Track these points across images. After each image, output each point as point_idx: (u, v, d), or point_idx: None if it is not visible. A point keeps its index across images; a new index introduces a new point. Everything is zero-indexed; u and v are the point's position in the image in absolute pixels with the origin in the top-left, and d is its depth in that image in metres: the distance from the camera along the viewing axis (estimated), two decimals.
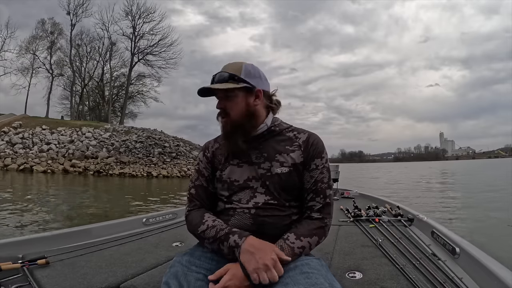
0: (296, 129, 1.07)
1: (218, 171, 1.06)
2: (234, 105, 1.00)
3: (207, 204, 1.08)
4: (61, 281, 1.20)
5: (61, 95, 36.99)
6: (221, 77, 1.00)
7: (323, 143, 1.04)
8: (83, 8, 33.96)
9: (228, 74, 0.99)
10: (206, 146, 1.13)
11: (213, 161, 1.08)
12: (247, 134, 1.01)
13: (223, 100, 1.01)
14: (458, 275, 1.22)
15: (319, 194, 0.98)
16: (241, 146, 1.00)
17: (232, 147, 1.02)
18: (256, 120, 1.02)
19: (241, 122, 1.00)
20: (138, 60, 35.54)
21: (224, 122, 1.02)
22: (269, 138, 1.03)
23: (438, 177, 21.82)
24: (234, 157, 1.03)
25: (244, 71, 1.00)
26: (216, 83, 1.00)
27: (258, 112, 1.03)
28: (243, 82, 0.99)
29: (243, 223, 0.96)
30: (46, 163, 20.90)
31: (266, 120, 1.04)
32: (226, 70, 1.01)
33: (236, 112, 1.00)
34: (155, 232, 2.01)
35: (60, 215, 6.53)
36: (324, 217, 0.97)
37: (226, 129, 1.02)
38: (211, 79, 1.02)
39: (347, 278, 1.22)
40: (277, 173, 0.98)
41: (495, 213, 6.62)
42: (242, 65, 1.02)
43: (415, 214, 2.15)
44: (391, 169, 45.66)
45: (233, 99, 1.00)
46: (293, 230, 0.94)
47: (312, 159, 1.00)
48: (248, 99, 1.01)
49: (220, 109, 1.02)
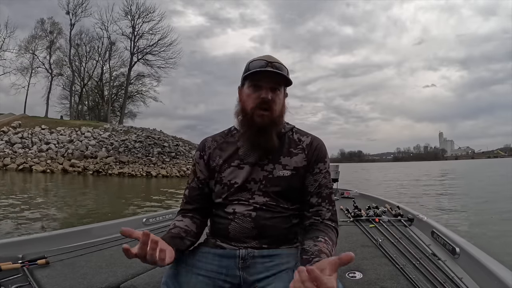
0: (299, 131, 1.06)
1: (216, 173, 1.02)
2: (279, 100, 0.96)
3: (201, 205, 1.05)
4: (61, 281, 1.20)
5: (61, 94, 37.03)
6: (280, 67, 0.95)
7: (325, 147, 1.03)
8: (83, 7, 33.99)
9: (286, 68, 0.96)
10: (203, 145, 1.07)
11: (210, 163, 1.04)
12: (278, 132, 0.99)
13: (272, 91, 0.95)
14: (458, 275, 1.22)
15: (325, 199, 0.97)
16: (274, 142, 0.97)
17: (265, 142, 0.96)
18: (283, 121, 1.01)
19: (278, 119, 0.98)
20: (137, 59, 35.54)
21: (264, 116, 0.95)
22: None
23: (438, 177, 21.84)
24: (236, 158, 1.01)
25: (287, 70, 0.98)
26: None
27: (285, 113, 1.02)
28: (290, 82, 0.97)
29: (243, 227, 0.94)
30: (45, 163, 20.87)
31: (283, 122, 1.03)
32: (274, 61, 0.95)
33: (278, 107, 0.97)
34: (155, 232, 1.99)
35: (59, 215, 6.52)
36: (337, 226, 0.97)
37: (264, 123, 0.95)
38: (262, 64, 0.94)
39: (347, 278, 1.22)
40: (279, 176, 0.96)
41: (495, 213, 6.62)
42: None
43: (415, 214, 2.16)
44: (389, 169, 45.67)
45: (279, 94, 0.97)
46: (328, 235, 0.90)
47: (316, 163, 0.99)
48: (285, 98, 1.00)
49: (266, 100, 0.94)
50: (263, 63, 0.94)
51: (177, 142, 26.61)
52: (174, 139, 27.58)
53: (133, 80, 36.85)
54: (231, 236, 0.96)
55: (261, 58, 0.97)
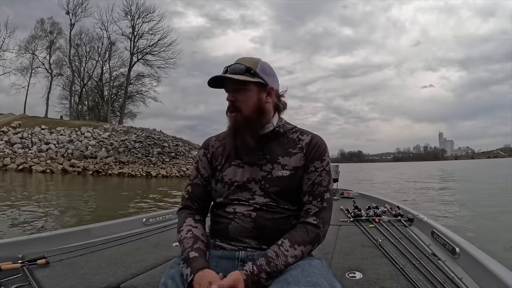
0: (299, 130, 1.05)
1: (218, 171, 1.03)
2: (246, 99, 0.97)
3: (203, 202, 1.06)
4: (61, 281, 1.20)
5: (60, 95, 36.99)
6: (237, 69, 0.96)
7: (326, 145, 1.01)
8: (82, 7, 33.94)
9: (244, 67, 0.96)
10: (207, 144, 1.10)
11: (213, 161, 1.06)
12: (255, 131, 0.98)
13: (235, 92, 0.97)
14: (458, 275, 1.22)
15: (316, 197, 0.95)
16: (248, 142, 0.97)
17: (240, 142, 0.98)
18: (265, 118, 1.00)
19: (251, 118, 0.97)
20: (137, 59, 35.51)
21: (234, 117, 0.98)
22: (273, 139, 1.01)
23: (438, 177, 21.85)
24: (236, 158, 1.01)
25: (260, 67, 0.98)
26: (229, 73, 0.96)
27: (268, 110, 1.00)
28: (258, 77, 0.97)
29: (243, 227, 0.95)
30: (45, 163, 20.86)
31: (272, 120, 1.02)
32: (242, 63, 0.97)
33: (248, 106, 0.97)
34: (155, 232, 2.01)
35: (59, 215, 6.52)
36: (319, 222, 0.94)
37: (235, 123, 0.98)
38: (223, 69, 0.98)
39: (347, 278, 1.22)
40: (278, 176, 0.96)
41: (495, 213, 6.63)
42: (259, 61, 1.00)
43: (415, 214, 2.16)
44: (392, 169, 45.66)
45: (246, 93, 0.97)
46: (288, 237, 0.91)
47: (312, 161, 0.98)
48: (260, 95, 0.98)
49: (230, 101, 0.98)
50: (225, 69, 0.98)
51: (177, 142, 26.60)
52: (174, 139, 27.56)
53: (133, 80, 36.89)
54: (231, 235, 0.96)
55: (230, 63, 1.00)
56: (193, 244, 0.92)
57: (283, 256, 0.87)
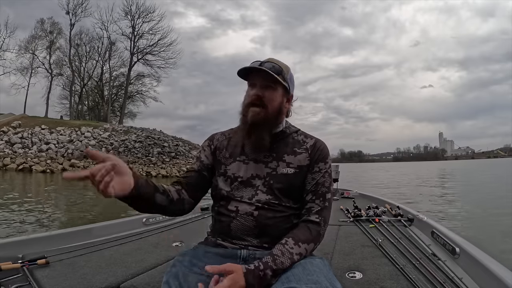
0: (303, 133, 1.09)
1: (222, 165, 1.04)
2: (273, 98, 0.99)
3: (194, 182, 1.04)
4: (61, 281, 1.20)
5: (60, 94, 37.04)
6: (274, 67, 0.97)
7: (328, 149, 1.06)
8: (82, 7, 34.01)
9: (280, 67, 0.99)
10: (213, 137, 1.12)
11: (216, 154, 1.08)
12: (271, 131, 1.01)
13: (264, 88, 0.98)
14: (458, 275, 1.22)
15: (319, 196, 0.98)
16: (265, 140, 0.99)
17: (256, 139, 0.99)
18: (281, 121, 1.04)
19: (272, 117, 1.00)
20: (137, 59, 35.57)
21: (258, 112, 0.97)
22: (280, 138, 1.04)
23: (438, 177, 21.84)
24: (241, 154, 1.03)
25: (290, 73, 1.03)
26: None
27: (284, 114, 1.05)
28: (287, 82, 1.01)
29: (245, 225, 0.95)
30: (45, 163, 20.88)
31: (282, 122, 1.06)
32: (277, 63, 0.99)
33: (273, 105, 0.99)
34: (155, 232, 2.01)
35: (59, 215, 6.52)
36: (321, 220, 0.97)
37: (256, 118, 0.97)
38: (256, 63, 0.98)
39: (347, 278, 1.22)
40: (282, 173, 0.98)
41: (495, 213, 6.63)
42: (289, 68, 1.04)
43: (415, 214, 2.16)
44: (395, 169, 45.63)
45: (274, 92, 0.99)
46: (291, 236, 0.92)
47: (317, 162, 1.01)
48: (283, 99, 1.02)
49: (257, 97, 0.98)
50: (258, 63, 0.98)
51: (177, 142, 26.61)
52: (174, 139, 27.58)
53: (133, 80, 36.95)
54: (233, 234, 0.97)
55: (261, 60, 1.01)
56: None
57: (289, 253, 0.88)
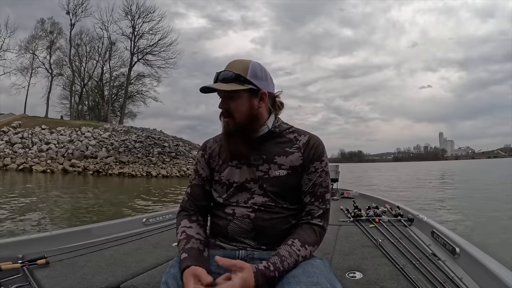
0: (296, 130, 1.04)
1: (216, 172, 1.04)
2: (237, 106, 0.95)
3: (203, 203, 1.06)
4: (61, 281, 1.20)
5: (61, 94, 37.02)
6: (226, 76, 0.94)
7: (323, 146, 1.01)
8: (83, 7, 33.97)
9: (233, 74, 0.93)
10: (205, 146, 1.10)
11: (210, 162, 1.06)
12: (247, 137, 0.97)
13: (227, 99, 0.96)
14: (458, 275, 1.22)
15: (318, 198, 0.96)
16: (241, 149, 0.97)
17: (232, 149, 0.99)
18: (258, 123, 0.99)
19: (244, 125, 0.96)
20: (137, 59, 35.53)
21: (226, 122, 0.98)
22: (269, 139, 1.00)
23: (438, 177, 21.83)
24: (233, 158, 1.01)
25: (250, 71, 0.95)
26: (220, 81, 0.94)
27: (261, 115, 0.99)
28: (249, 84, 0.94)
29: (242, 228, 0.95)
30: (45, 163, 20.87)
31: (267, 122, 1.00)
32: (232, 69, 0.95)
33: (240, 113, 0.96)
34: (155, 232, 2.01)
35: (59, 215, 6.52)
36: (324, 224, 0.96)
37: (228, 129, 0.98)
38: (214, 76, 0.97)
39: (347, 278, 1.22)
40: (275, 176, 0.96)
41: (495, 213, 6.62)
42: (249, 64, 0.96)
43: (415, 214, 2.15)
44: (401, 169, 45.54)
45: (237, 101, 0.95)
46: (298, 237, 0.91)
47: (312, 162, 0.98)
48: (252, 101, 0.96)
49: (223, 109, 0.97)
50: (215, 76, 0.97)
51: (177, 142, 26.61)
52: (174, 139, 27.59)
53: (133, 80, 36.92)
54: (230, 236, 0.97)
55: (222, 69, 0.98)
56: (185, 245, 0.92)
57: (295, 255, 0.87)
